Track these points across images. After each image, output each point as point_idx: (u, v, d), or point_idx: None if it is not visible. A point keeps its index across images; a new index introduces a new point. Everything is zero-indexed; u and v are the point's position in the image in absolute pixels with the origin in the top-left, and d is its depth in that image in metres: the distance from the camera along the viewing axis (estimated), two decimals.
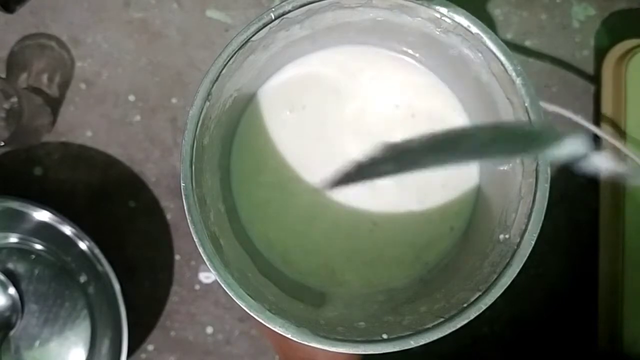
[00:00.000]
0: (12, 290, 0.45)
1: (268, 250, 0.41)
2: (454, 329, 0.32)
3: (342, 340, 0.32)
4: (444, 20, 0.33)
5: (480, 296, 0.32)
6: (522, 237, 0.32)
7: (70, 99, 0.47)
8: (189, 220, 0.32)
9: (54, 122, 0.47)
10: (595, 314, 0.45)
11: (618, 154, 0.43)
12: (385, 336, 0.32)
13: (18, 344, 0.46)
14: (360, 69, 0.41)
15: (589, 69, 0.47)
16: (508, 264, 0.32)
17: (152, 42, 0.47)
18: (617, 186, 0.43)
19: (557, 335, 0.47)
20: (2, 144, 0.41)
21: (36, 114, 0.44)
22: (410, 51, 0.40)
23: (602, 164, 0.21)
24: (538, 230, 0.32)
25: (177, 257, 0.48)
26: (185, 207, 0.33)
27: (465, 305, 0.32)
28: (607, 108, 0.44)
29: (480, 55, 0.34)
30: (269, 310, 0.33)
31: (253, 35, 0.33)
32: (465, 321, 0.32)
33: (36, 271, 0.46)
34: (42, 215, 0.43)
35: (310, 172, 0.41)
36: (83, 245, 0.44)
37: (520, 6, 0.47)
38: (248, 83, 0.38)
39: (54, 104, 0.47)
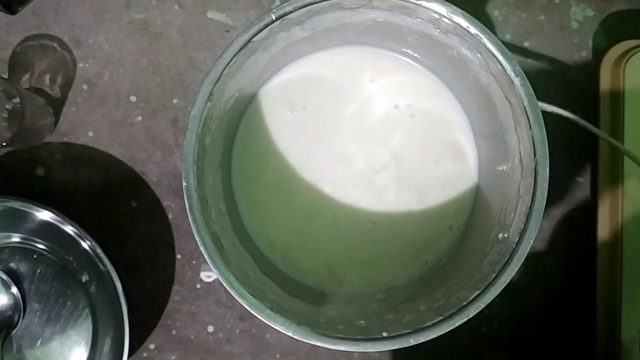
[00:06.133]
0: (14, 290, 0.45)
1: (269, 249, 0.41)
2: (453, 327, 0.32)
3: (342, 338, 0.33)
4: (444, 21, 0.33)
5: (479, 295, 0.32)
6: (521, 236, 0.32)
7: (72, 99, 0.47)
8: (190, 220, 0.33)
9: (56, 122, 0.47)
10: (593, 312, 0.45)
11: (616, 154, 0.43)
12: (385, 334, 0.33)
13: (20, 343, 0.46)
14: (360, 70, 0.41)
15: (588, 69, 0.47)
16: (507, 263, 0.32)
17: (153, 43, 0.47)
18: (615, 186, 0.44)
19: (556, 334, 0.47)
20: (5, 144, 0.42)
21: (38, 115, 0.45)
22: (409, 52, 0.40)
23: None
24: (537, 230, 0.32)
25: (178, 256, 0.48)
26: (187, 207, 0.33)
27: (464, 303, 0.33)
28: (605, 108, 0.45)
29: (479, 55, 0.34)
30: (270, 309, 0.33)
31: (254, 36, 0.33)
32: (464, 319, 0.32)
33: (38, 270, 0.46)
34: (44, 215, 0.43)
35: (311, 172, 0.41)
36: (85, 244, 0.44)
37: (519, 7, 0.47)
38: (249, 83, 0.39)
39: (56, 105, 0.47)
